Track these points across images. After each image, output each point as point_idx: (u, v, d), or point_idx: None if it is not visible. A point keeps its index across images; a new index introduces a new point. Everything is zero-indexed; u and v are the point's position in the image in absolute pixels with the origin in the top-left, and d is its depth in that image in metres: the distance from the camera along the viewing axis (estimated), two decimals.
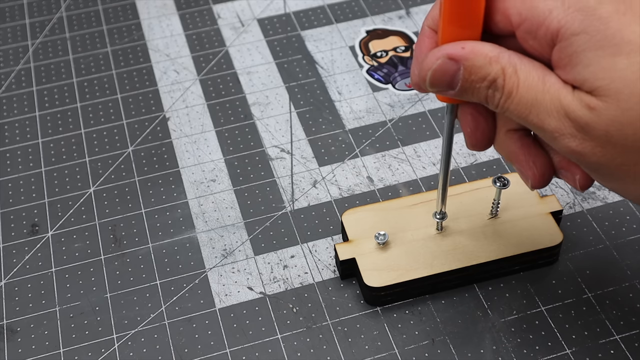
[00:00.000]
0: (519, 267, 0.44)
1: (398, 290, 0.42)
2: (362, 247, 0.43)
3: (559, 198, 0.47)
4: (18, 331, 0.43)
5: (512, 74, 0.31)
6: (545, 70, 0.31)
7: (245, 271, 0.45)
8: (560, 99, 0.30)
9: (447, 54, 0.32)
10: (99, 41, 0.60)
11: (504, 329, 0.42)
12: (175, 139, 0.53)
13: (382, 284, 0.42)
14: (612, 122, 0.29)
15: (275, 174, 0.50)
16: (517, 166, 0.35)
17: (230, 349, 0.42)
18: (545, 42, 0.30)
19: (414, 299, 0.43)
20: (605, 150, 0.30)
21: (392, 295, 0.43)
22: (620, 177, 0.31)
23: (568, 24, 0.29)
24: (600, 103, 0.29)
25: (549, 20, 0.30)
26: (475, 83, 0.32)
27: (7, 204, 0.49)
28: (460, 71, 0.32)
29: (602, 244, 0.45)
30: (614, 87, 0.29)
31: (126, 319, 0.43)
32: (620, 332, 0.41)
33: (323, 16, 0.61)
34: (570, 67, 0.30)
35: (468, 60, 0.31)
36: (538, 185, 0.35)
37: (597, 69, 0.29)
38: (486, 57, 0.31)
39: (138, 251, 0.46)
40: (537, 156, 0.34)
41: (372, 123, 0.53)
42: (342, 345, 0.42)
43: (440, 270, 0.42)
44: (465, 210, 0.44)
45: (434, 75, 0.32)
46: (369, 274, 0.42)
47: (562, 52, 0.30)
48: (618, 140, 0.29)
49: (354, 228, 0.44)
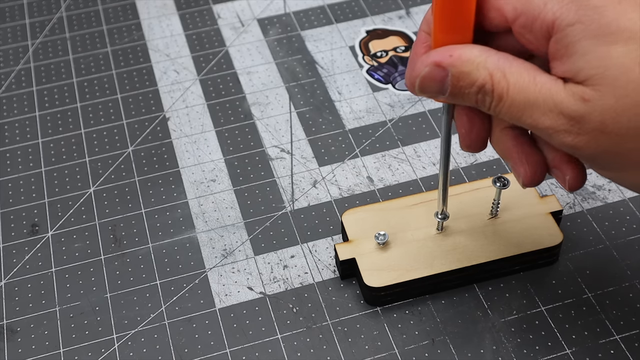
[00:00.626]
0: (519, 267, 0.44)
1: (398, 291, 0.42)
2: (362, 247, 0.43)
3: (559, 198, 0.47)
4: (18, 331, 0.43)
5: (501, 79, 0.31)
6: (536, 70, 0.31)
7: (245, 271, 0.45)
8: (552, 97, 0.30)
9: (434, 62, 0.32)
10: (99, 41, 0.60)
11: (504, 329, 0.42)
12: (175, 139, 0.53)
13: (382, 284, 0.42)
14: (607, 112, 0.29)
15: (275, 174, 0.50)
16: (511, 163, 0.35)
17: (230, 349, 0.42)
18: (541, 35, 0.30)
19: (414, 299, 0.43)
20: (600, 141, 0.30)
21: (392, 296, 0.43)
22: (617, 166, 0.31)
23: (563, 15, 0.29)
24: (594, 93, 0.29)
25: (544, 13, 0.30)
26: (464, 89, 0.32)
27: (7, 204, 0.49)
28: (448, 77, 0.32)
29: (602, 244, 0.45)
30: (610, 75, 0.29)
31: (126, 319, 0.43)
32: (620, 332, 0.41)
33: (323, 16, 0.61)
34: (567, 57, 0.30)
35: (455, 67, 0.31)
36: (529, 183, 0.35)
37: (592, 57, 0.29)
38: (473, 63, 0.31)
39: (138, 251, 0.46)
40: (530, 154, 0.35)
41: (372, 123, 0.53)
42: (342, 345, 0.42)
43: (441, 270, 0.42)
44: (465, 210, 0.44)
45: (422, 82, 0.33)
46: (369, 274, 0.42)
47: (558, 43, 0.30)
48: (613, 129, 0.29)
49: (354, 228, 0.44)
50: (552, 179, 0.49)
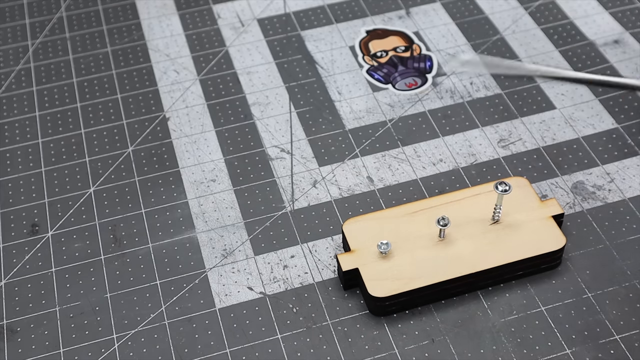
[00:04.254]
0: (523, 272, 0.43)
1: (403, 300, 0.42)
2: (364, 256, 0.43)
3: (559, 198, 0.47)
4: (18, 331, 0.43)
5: None
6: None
7: (245, 271, 0.45)
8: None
9: None
10: (99, 41, 0.60)
11: (504, 329, 0.42)
12: (175, 139, 0.53)
13: (386, 293, 0.41)
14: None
15: (275, 174, 0.50)
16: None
17: (230, 349, 0.42)
18: None
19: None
20: None
21: (397, 305, 0.42)
22: None
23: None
24: None
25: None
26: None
27: (7, 204, 0.49)
28: None
29: (602, 244, 0.45)
30: None
31: (126, 319, 0.43)
32: (620, 332, 0.41)
33: (323, 16, 0.61)
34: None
35: None
36: None
37: None
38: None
39: (138, 251, 0.46)
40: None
41: (372, 123, 0.53)
42: (342, 345, 0.42)
43: (445, 278, 0.42)
44: (467, 216, 0.44)
45: None
46: (373, 284, 0.42)
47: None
48: None
49: (356, 237, 0.44)
50: (552, 179, 0.49)
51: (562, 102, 0.53)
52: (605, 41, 0.58)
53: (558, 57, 0.57)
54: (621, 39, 0.58)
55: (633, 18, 0.59)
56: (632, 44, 0.57)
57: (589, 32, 0.58)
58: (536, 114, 0.53)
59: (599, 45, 0.57)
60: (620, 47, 0.57)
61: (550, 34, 0.58)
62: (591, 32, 0.58)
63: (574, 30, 0.59)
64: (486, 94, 0.54)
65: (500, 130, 0.52)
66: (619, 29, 0.58)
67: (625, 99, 0.53)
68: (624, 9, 0.60)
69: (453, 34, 0.59)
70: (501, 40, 0.58)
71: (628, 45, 0.57)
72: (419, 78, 0.56)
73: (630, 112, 0.52)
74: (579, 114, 0.53)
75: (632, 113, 0.52)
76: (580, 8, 0.60)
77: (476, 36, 0.59)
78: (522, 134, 0.51)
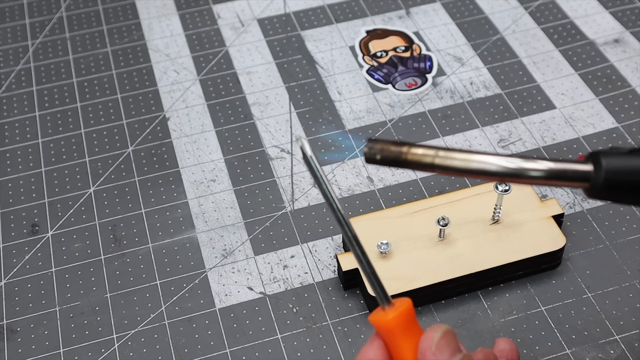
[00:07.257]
0: (523, 272, 0.43)
1: None
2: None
3: (559, 198, 0.47)
4: (18, 331, 0.43)
5: None
6: None
7: (245, 271, 0.45)
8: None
9: None
10: (99, 41, 0.60)
11: (504, 329, 0.42)
12: (175, 138, 0.53)
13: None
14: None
15: (275, 174, 0.50)
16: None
17: (230, 349, 0.42)
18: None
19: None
20: None
21: None
22: None
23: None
24: None
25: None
26: None
27: (7, 204, 0.49)
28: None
29: (602, 244, 0.45)
30: None
31: (126, 319, 0.43)
32: (620, 332, 0.41)
33: (323, 16, 0.61)
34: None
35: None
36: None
37: None
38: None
39: (138, 251, 0.46)
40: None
41: (372, 123, 0.53)
42: (342, 345, 0.42)
43: (445, 278, 0.42)
44: (467, 217, 0.44)
45: None
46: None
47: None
48: None
49: None
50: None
51: (562, 101, 0.53)
52: (605, 40, 0.58)
53: (558, 56, 0.57)
54: (621, 38, 0.58)
55: (633, 17, 0.59)
56: (633, 43, 0.57)
57: (589, 31, 0.58)
58: (536, 113, 0.53)
59: (599, 44, 0.57)
60: (620, 46, 0.57)
61: (550, 34, 0.58)
62: (591, 31, 0.58)
63: (574, 29, 0.59)
64: (486, 94, 0.54)
65: (500, 130, 0.52)
66: (619, 28, 0.58)
67: (625, 98, 0.53)
68: (624, 9, 0.60)
69: (453, 34, 0.59)
70: (501, 40, 0.58)
71: (628, 44, 0.57)
72: (419, 78, 0.56)
73: (631, 112, 0.52)
74: (579, 114, 0.52)
75: (632, 112, 0.52)
76: (580, 7, 0.60)
77: (476, 36, 0.59)
78: (522, 134, 0.51)
